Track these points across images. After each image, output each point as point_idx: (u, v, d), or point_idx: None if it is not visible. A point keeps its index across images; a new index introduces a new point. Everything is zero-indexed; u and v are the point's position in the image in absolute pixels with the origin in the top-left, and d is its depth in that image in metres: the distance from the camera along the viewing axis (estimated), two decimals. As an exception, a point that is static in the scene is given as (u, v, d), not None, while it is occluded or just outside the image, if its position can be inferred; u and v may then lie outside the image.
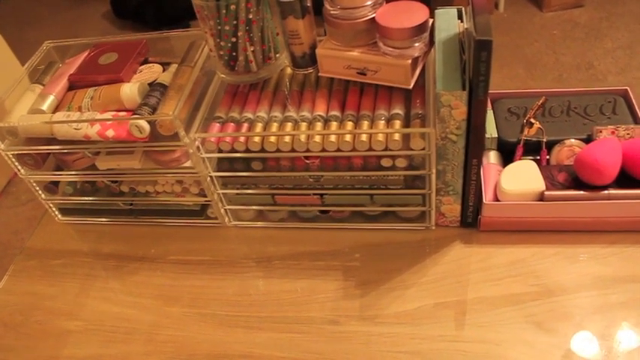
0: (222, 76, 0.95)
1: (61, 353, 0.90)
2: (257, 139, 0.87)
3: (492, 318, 0.83)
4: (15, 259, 1.06)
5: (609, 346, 0.77)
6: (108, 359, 0.88)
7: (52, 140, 0.95)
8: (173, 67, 0.98)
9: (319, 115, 0.89)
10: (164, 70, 0.99)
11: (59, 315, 0.95)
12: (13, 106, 0.98)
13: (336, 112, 0.89)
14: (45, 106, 0.96)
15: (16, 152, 0.97)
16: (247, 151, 0.89)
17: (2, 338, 0.94)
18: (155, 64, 1.00)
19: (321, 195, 0.94)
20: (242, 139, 0.88)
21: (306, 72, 0.94)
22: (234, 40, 0.88)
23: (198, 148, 0.90)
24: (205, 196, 0.97)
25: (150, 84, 0.96)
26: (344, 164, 0.89)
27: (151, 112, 0.90)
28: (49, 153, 0.98)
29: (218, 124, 0.91)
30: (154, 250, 1.01)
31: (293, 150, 0.87)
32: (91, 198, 1.04)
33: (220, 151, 0.90)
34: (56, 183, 1.04)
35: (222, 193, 0.96)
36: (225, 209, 0.99)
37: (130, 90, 0.93)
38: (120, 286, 0.98)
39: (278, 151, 0.87)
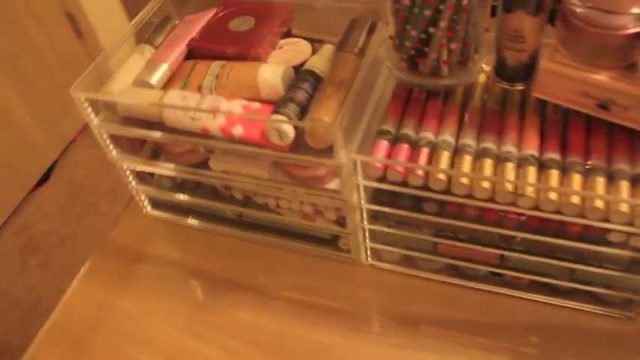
0: (397, 73, 0.66)
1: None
2: (442, 176, 0.60)
3: None
4: (92, 255, 0.82)
5: None
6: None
7: (156, 123, 0.69)
8: (327, 49, 0.70)
9: (531, 156, 0.60)
10: (314, 52, 0.71)
11: (133, 340, 0.72)
12: (116, 71, 0.72)
13: (554, 155, 0.61)
14: (155, 79, 0.70)
15: (111, 132, 0.72)
16: (424, 187, 0.61)
17: (65, 354, 0.72)
18: (301, 40, 0.73)
19: (502, 255, 0.66)
20: (420, 171, 0.60)
21: (512, 87, 0.65)
22: (432, 30, 0.60)
23: (355, 171, 0.63)
24: (344, 225, 0.71)
25: (295, 68, 0.69)
26: (554, 228, 0.61)
27: (298, 112, 0.63)
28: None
29: (386, 142, 0.64)
30: (263, 279, 0.76)
31: (491, 199, 0.59)
32: (192, 198, 0.78)
33: (386, 180, 0.63)
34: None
35: (369, 228, 0.70)
36: (366, 245, 0.73)
37: (272, 75, 0.66)
38: (215, 319, 0.73)
39: (469, 196, 0.60)
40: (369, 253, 0.74)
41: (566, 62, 0.59)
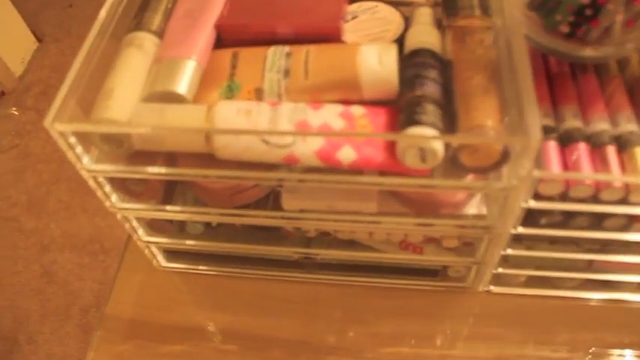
0: (546, 43, 0.45)
1: None
2: (652, 183, 0.41)
3: None
4: (93, 343, 0.54)
5: None
6: None
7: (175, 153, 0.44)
8: (425, 14, 0.47)
9: None
10: (406, 19, 0.48)
11: None
12: (109, 82, 0.44)
13: None
14: (183, 87, 0.43)
15: (121, 175, 0.44)
16: (622, 201, 0.43)
17: None
18: (379, 4, 0.49)
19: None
20: (618, 182, 0.42)
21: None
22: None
23: (529, 191, 0.42)
24: (467, 253, 0.51)
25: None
26: None
27: (439, 115, 0.41)
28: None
29: (554, 143, 0.44)
30: (353, 334, 0.54)
31: None
32: (238, 245, 0.53)
33: (564, 197, 0.43)
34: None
35: (506, 254, 0.50)
36: (494, 272, 0.53)
37: (380, 61, 0.43)
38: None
39: (684, 205, 0.42)
40: (490, 278, 0.55)
41: None
